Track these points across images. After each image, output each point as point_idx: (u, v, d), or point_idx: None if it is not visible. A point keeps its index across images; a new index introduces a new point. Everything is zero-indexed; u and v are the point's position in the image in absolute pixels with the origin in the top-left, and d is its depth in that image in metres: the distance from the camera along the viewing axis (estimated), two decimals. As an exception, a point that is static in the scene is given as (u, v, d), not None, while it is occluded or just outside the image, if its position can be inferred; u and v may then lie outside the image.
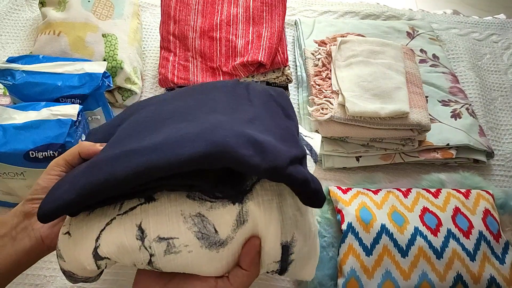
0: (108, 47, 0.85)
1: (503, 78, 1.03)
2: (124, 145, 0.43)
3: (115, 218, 0.41)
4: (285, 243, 0.42)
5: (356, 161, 0.83)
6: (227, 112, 0.46)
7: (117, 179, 0.37)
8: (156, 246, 0.40)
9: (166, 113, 0.48)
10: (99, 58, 0.85)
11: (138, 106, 0.56)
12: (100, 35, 0.86)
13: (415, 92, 0.85)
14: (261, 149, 0.38)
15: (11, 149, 0.62)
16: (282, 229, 0.42)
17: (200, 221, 0.40)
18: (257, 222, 0.41)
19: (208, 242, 0.40)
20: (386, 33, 1.03)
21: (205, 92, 0.52)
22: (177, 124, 0.44)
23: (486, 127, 0.92)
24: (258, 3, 0.91)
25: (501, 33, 1.13)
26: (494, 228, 0.69)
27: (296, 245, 0.43)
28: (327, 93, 0.84)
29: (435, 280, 0.63)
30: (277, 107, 0.51)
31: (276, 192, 0.43)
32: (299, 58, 0.99)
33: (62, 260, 0.43)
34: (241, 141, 0.38)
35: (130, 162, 0.38)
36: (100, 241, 0.40)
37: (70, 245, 0.42)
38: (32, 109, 0.68)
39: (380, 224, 0.66)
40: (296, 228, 0.42)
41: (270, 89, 0.55)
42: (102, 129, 0.56)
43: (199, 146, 0.37)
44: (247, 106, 0.48)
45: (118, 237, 0.40)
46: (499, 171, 0.87)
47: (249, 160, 0.37)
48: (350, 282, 0.63)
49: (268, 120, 0.46)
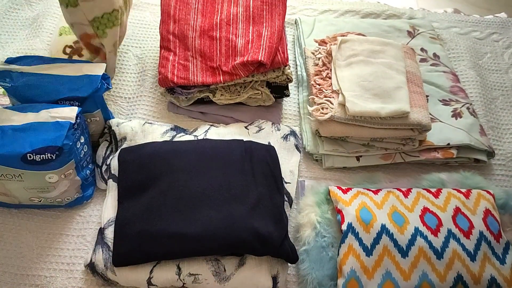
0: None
1: (504, 77, 1.03)
2: (175, 220, 0.65)
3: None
4: (273, 275, 0.66)
5: (356, 161, 0.83)
6: (240, 199, 0.68)
7: (175, 255, 0.65)
8: (187, 279, 0.65)
9: (195, 191, 0.68)
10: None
11: (163, 164, 0.72)
12: None
13: (415, 91, 0.85)
14: (263, 242, 0.64)
15: (9, 151, 0.62)
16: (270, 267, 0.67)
17: (216, 263, 0.65)
18: (253, 264, 0.66)
19: (219, 277, 0.65)
20: (386, 32, 1.03)
21: (220, 167, 0.71)
22: (208, 211, 0.66)
23: (487, 126, 0.91)
24: (258, 2, 0.91)
25: (502, 32, 1.12)
26: (495, 228, 0.69)
27: (280, 275, 0.67)
28: (328, 93, 0.83)
29: (435, 280, 0.63)
30: (272, 179, 0.72)
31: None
32: (299, 57, 0.98)
33: (113, 275, 0.65)
34: (251, 238, 0.63)
35: (184, 247, 0.64)
36: (153, 274, 0.64)
37: (127, 272, 0.65)
38: (30, 111, 0.67)
39: (380, 224, 0.66)
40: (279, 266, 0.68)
41: (266, 155, 0.74)
42: (131, 176, 0.72)
43: (226, 243, 0.64)
44: (253, 186, 0.70)
45: (164, 272, 0.65)
46: (500, 171, 0.86)
47: (256, 252, 0.65)
48: (350, 282, 0.63)
49: (267, 200, 0.68)
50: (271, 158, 0.75)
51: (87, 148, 0.72)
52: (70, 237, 0.71)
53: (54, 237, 0.71)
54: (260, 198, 0.68)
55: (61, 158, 0.65)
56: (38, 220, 0.73)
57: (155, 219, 0.65)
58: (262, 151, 0.75)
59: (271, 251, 0.64)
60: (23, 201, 0.71)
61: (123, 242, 0.64)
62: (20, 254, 0.69)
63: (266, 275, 0.65)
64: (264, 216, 0.66)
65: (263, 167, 0.72)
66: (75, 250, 0.70)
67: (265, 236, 0.63)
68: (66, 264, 0.69)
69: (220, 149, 0.74)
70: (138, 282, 0.65)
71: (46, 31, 0.99)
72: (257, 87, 0.86)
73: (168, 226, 0.64)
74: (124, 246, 0.64)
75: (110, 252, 0.65)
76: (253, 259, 0.66)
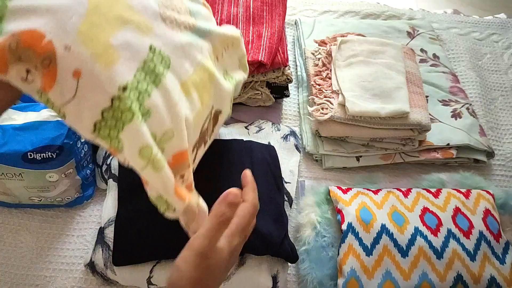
0: None
1: (504, 77, 1.03)
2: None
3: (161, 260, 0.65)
4: (273, 275, 0.66)
5: (356, 161, 0.83)
6: None
7: (175, 254, 0.49)
8: None
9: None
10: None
11: None
12: None
13: (415, 91, 0.85)
14: (264, 241, 0.63)
15: (9, 150, 0.62)
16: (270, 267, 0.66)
17: None
18: (253, 264, 0.65)
19: None
20: (386, 32, 1.03)
21: (220, 167, 0.70)
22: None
23: (487, 127, 0.92)
24: (258, 3, 0.91)
25: (502, 33, 1.13)
26: (495, 228, 0.69)
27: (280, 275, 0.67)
28: (327, 93, 0.83)
29: (435, 280, 0.63)
30: (272, 178, 0.71)
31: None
32: (299, 58, 0.99)
33: (113, 274, 0.64)
34: (251, 237, 0.56)
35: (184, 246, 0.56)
36: (153, 273, 0.64)
37: (127, 272, 0.64)
38: (32, 110, 0.67)
39: (380, 224, 0.66)
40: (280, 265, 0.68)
41: (266, 155, 0.74)
42: (131, 176, 0.64)
43: None
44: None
45: (164, 272, 0.64)
46: (500, 171, 0.87)
47: (256, 251, 0.64)
48: (350, 282, 0.63)
49: (267, 200, 0.67)
50: (271, 158, 0.75)
51: (87, 148, 0.72)
52: (70, 237, 0.71)
53: (54, 237, 0.71)
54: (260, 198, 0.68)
55: (61, 157, 0.65)
56: (38, 220, 0.73)
57: (155, 218, 0.65)
58: (262, 151, 0.75)
59: (271, 250, 0.64)
60: (23, 200, 0.71)
61: (123, 241, 0.64)
62: (20, 254, 0.69)
63: (266, 275, 0.65)
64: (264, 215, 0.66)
65: (263, 167, 0.72)
66: (75, 250, 0.70)
67: (265, 235, 0.63)
68: (66, 264, 0.69)
69: (220, 149, 0.74)
70: (138, 282, 0.65)
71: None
72: (257, 87, 0.86)
73: (168, 225, 0.64)
74: (124, 246, 0.64)
75: (110, 251, 0.65)
76: (253, 258, 0.66)
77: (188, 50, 0.48)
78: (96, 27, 0.40)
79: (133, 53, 0.41)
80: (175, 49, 0.46)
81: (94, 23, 0.40)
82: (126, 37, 0.41)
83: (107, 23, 0.40)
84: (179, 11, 0.49)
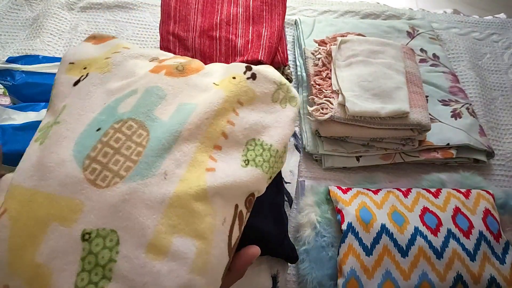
0: None
1: (504, 77, 1.03)
2: None
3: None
4: (273, 275, 0.66)
5: (356, 161, 0.83)
6: None
7: None
8: None
9: None
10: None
11: None
12: None
13: (415, 91, 0.85)
14: (263, 241, 0.59)
15: (9, 150, 0.62)
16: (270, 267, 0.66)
17: None
18: (253, 264, 0.60)
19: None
20: (386, 32, 1.03)
21: None
22: None
23: (487, 126, 0.92)
24: (258, 3, 0.91)
25: (502, 33, 1.13)
26: (495, 228, 0.69)
27: (280, 275, 0.67)
28: (327, 93, 0.83)
29: (435, 280, 0.63)
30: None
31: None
32: (299, 58, 0.98)
33: None
34: (251, 236, 0.54)
35: None
36: None
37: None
38: (31, 109, 0.67)
39: (380, 224, 0.66)
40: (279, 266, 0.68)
41: None
42: None
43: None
44: None
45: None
46: (500, 171, 0.86)
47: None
48: (350, 282, 0.63)
49: (266, 200, 0.63)
50: None
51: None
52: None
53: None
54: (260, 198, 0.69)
55: (61, 157, 0.65)
56: (38, 220, 0.73)
57: None
58: None
59: (271, 250, 0.64)
60: (23, 200, 0.70)
61: None
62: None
63: (266, 275, 0.65)
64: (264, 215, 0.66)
65: None
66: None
67: (265, 235, 0.63)
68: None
69: None
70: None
71: (46, 31, 0.99)
72: (257, 87, 0.86)
73: None
74: None
75: None
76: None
77: (142, 193, 0.35)
78: (18, 250, 0.34)
79: (63, 259, 0.34)
80: (118, 211, 0.34)
81: (16, 245, 0.34)
82: (51, 243, 0.34)
83: (28, 238, 0.34)
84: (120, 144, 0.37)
